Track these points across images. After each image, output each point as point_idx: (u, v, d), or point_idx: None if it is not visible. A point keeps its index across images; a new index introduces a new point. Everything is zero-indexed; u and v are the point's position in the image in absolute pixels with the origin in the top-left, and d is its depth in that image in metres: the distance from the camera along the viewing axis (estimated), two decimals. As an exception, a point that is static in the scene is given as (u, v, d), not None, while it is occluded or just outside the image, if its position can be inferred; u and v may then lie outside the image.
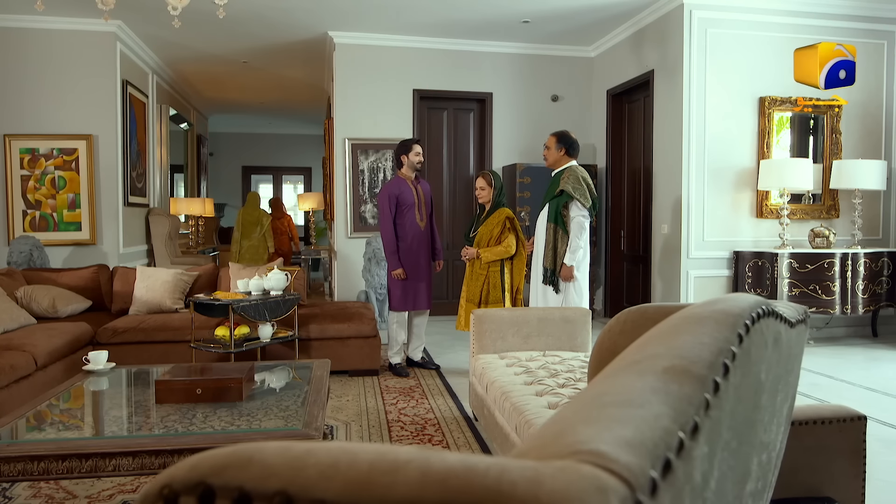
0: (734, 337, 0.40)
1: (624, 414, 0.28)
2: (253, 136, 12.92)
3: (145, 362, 3.97)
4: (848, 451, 1.70)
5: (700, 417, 0.31)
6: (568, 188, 4.05)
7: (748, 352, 0.43)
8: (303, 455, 0.26)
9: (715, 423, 0.34)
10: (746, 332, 0.43)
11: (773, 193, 5.69)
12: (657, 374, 0.34)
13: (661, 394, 0.30)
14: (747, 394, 0.44)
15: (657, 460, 0.26)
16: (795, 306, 0.72)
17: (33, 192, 6.10)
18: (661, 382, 0.32)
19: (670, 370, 0.34)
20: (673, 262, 5.75)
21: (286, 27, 6.36)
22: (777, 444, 0.67)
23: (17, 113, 6.00)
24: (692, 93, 5.55)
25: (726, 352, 0.38)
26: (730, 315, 0.42)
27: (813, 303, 5.32)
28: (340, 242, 6.86)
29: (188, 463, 0.27)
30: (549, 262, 4.14)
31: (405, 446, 0.27)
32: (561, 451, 0.26)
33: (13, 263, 5.45)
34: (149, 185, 7.33)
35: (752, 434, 0.49)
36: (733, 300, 0.46)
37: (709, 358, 0.35)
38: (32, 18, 5.86)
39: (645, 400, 0.30)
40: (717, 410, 0.34)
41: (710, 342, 0.38)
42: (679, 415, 0.29)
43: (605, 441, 0.26)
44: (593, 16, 6.11)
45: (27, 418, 2.31)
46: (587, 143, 7.30)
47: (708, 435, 0.33)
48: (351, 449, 0.26)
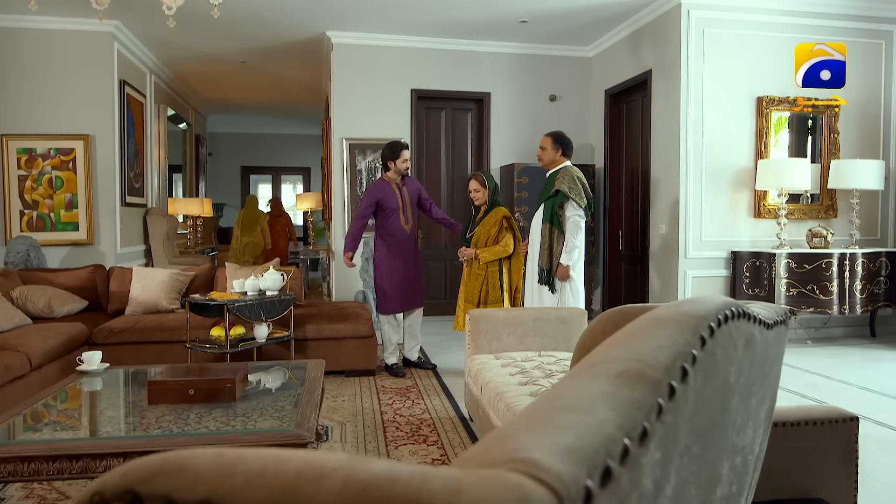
0: (696, 339, 0.39)
1: (569, 420, 0.27)
2: (252, 137, 12.92)
3: (141, 363, 3.96)
4: (840, 452, 1.69)
5: (650, 423, 0.30)
6: (563, 188, 4.04)
7: (712, 354, 0.42)
8: (233, 462, 0.25)
9: (670, 428, 0.34)
10: (711, 335, 0.42)
11: (771, 193, 5.68)
12: (610, 378, 0.33)
13: (610, 399, 0.30)
14: (712, 397, 0.43)
15: (595, 468, 0.25)
16: (774, 307, 0.71)
17: (30, 193, 6.10)
18: (613, 387, 0.31)
19: (624, 374, 0.33)
20: (671, 262, 5.74)
21: (284, 27, 6.35)
22: (755, 447, 0.66)
23: (15, 113, 6.00)
24: (690, 93, 5.54)
25: (686, 355, 0.37)
26: (693, 317, 0.41)
27: (811, 303, 5.32)
28: (338, 242, 6.86)
29: (121, 469, 0.27)
30: (545, 261, 4.13)
31: (339, 454, 0.26)
32: (497, 459, 0.25)
33: (10, 264, 5.44)
34: (146, 185, 7.33)
35: (720, 438, 0.49)
36: (700, 302, 0.45)
37: (665, 361, 0.35)
38: (30, 18, 5.85)
39: (592, 405, 0.29)
40: (672, 415, 0.34)
41: (669, 345, 0.37)
42: (626, 420, 0.29)
43: (541, 448, 0.25)
44: (591, 15, 6.11)
45: (19, 419, 2.30)
46: (585, 143, 7.29)
47: (661, 441, 0.32)
48: (283, 456, 0.26)
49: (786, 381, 4.40)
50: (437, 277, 7.14)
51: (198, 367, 2.88)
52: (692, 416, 0.39)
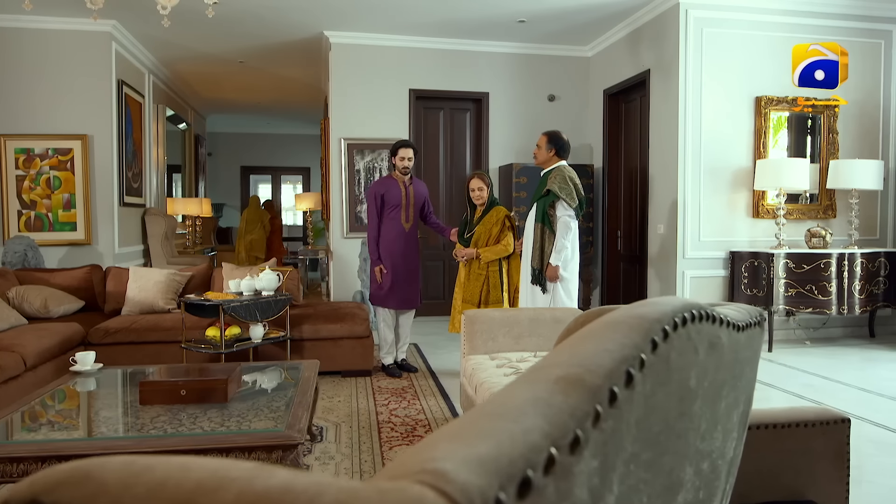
0: (646, 343, 0.38)
1: (494, 427, 0.26)
2: (252, 136, 12.92)
3: (137, 363, 3.96)
4: (831, 453, 1.67)
5: (584, 431, 0.29)
6: (554, 188, 4.01)
7: (665, 358, 0.41)
8: (140, 472, 0.24)
9: (611, 435, 0.33)
10: (664, 338, 0.41)
11: (770, 193, 5.66)
12: (548, 383, 0.32)
13: (542, 405, 0.29)
14: (667, 402, 0.42)
15: (511, 480, 0.24)
16: (747, 309, 0.70)
17: (28, 193, 6.10)
18: (548, 393, 0.30)
19: (562, 380, 0.32)
20: (669, 262, 5.73)
21: (281, 27, 6.35)
22: (726, 452, 0.65)
23: (13, 113, 6.00)
24: (688, 92, 5.53)
25: (632, 359, 0.36)
26: (645, 320, 0.40)
27: (809, 303, 5.30)
28: (336, 242, 6.85)
29: (30, 478, 0.26)
30: (537, 261, 4.10)
31: (247, 464, 0.25)
32: (409, 470, 0.24)
33: (8, 264, 5.44)
34: (145, 185, 7.33)
35: (679, 443, 0.48)
36: (656, 304, 0.44)
37: (609, 366, 0.34)
38: (27, 18, 5.85)
39: (522, 412, 0.28)
40: (613, 422, 0.33)
41: (615, 349, 0.36)
42: (555, 428, 0.28)
43: (454, 459, 0.24)
44: (589, 15, 6.09)
45: (9, 420, 2.30)
46: (584, 143, 7.28)
47: (598, 448, 0.31)
48: (189, 466, 0.25)
49: (783, 382, 4.39)
50: (436, 277, 7.13)
51: (190, 368, 2.88)
52: (641, 423, 0.38)
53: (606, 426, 0.32)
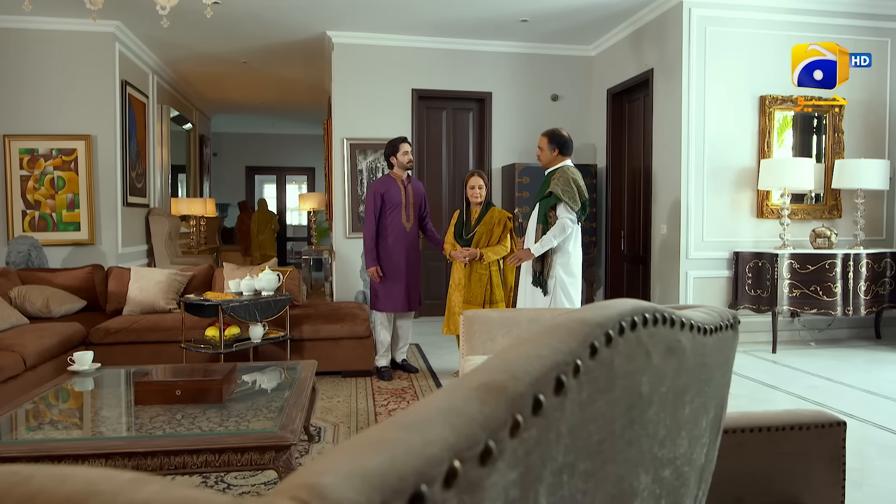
0: (583, 348, 0.36)
1: (395, 438, 0.25)
2: (256, 137, 12.94)
3: (137, 362, 3.96)
4: (827, 457, 1.65)
5: (499, 441, 0.28)
6: (556, 190, 3.92)
7: (607, 364, 0.39)
8: (18, 482, 0.23)
9: (535, 445, 0.31)
10: (607, 343, 0.39)
11: (775, 193, 5.62)
12: (469, 390, 0.30)
13: (452, 415, 0.27)
14: (611, 409, 0.41)
15: (399, 495, 0.23)
16: (719, 311, 0.68)
17: (32, 193, 6.13)
18: (464, 401, 0.29)
19: (483, 387, 0.30)
20: (672, 262, 5.69)
21: (283, 27, 6.35)
22: (696, 458, 0.64)
23: (17, 113, 6.03)
24: (691, 92, 5.49)
25: (565, 365, 0.34)
26: (586, 324, 0.38)
27: (814, 304, 5.25)
28: (339, 242, 6.86)
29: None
30: (538, 263, 4.04)
31: (127, 474, 0.24)
32: (292, 484, 0.23)
33: (11, 263, 5.46)
34: (149, 185, 7.35)
35: (630, 451, 0.46)
36: (603, 307, 0.43)
37: (536, 373, 0.32)
38: (31, 19, 5.87)
39: (429, 421, 0.26)
40: (537, 431, 0.31)
41: (548, 354, 0.34)
42: (462, 439, 0.26)
43: (338, 472, 0.23)
44: (592, 14, 6.06)
45: (5, 419, 2.30)
46: (587, 142, 7.25)
47: (518, 460, 0.29)
48: (68, 477, 0.23)
49: (787, 384, 4.35)
50: (437, 278, 7.11)
51: (187, 368, 2.88)
52: (576, 431, 0.36)
53: (528, 436, 0.30)
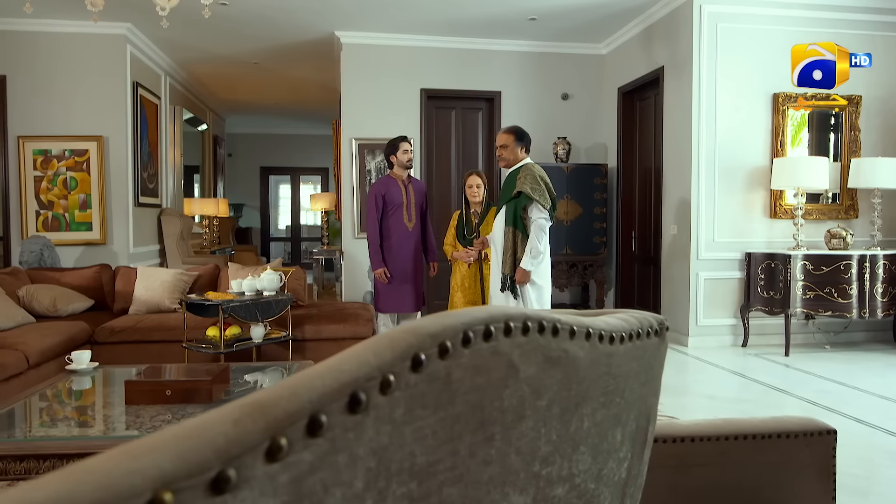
0: (401, 362, 0.33)
1: (103, 467, 0.22)
2: (271, 137, 13.02)
3: (141, 362, 3.97)
4: (816, 467, 1.58)
5: (243, 468, 0.25)
6: (526, 189, 3.77)
7: (441, 378, 0.36)
8: None
9: (312, 470, 0.28)
10: (442, 354, 0.36)
11: (788, 193, 5.49)
12: (235, 408, 0.27)
13: (190, 438, 0.24)
14: (448, 427, 0.37)
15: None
16: (640, 318, 0.64)
17: (46, 193, 6.22)
18: (217, 422, 0.26)
19: (252, 405, 0.27)
20: (682, 263, 5.60)
21: (292, 28, 6.37)
22: (608, 474, 0.60)
23: (31, 115, 6.12)
24: (702, 90, 5.39)
25: (367, 380, 0.31)
26: (414, 335, 0.35)
27: (829, 306, 5.13)
28: (347, 242, 6.86)
29: None
30: (509, 267, 3.85)
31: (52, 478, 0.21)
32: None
33: (24, 263, 5.54)
34: (161, 185, 7.42)
35: (489, 471, 0.42)
36: (450, 315, 0.39)
37: (323, 389, 0.29)
38: (44, 23, 5.96)
39: (155, 447, 0.23)
40: (315, 455, 0.28)
41: (349, 368, 0.31)
42: (184, 467, 0.23)
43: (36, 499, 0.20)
44: (601, 12, 5.98)
45: None
46: (598, 142, 7.17)
47: (282, 486, 0.26)
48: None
49: (797, 388, 4.24)
50: (442, 278, 7.06)
51: (180, 368, 2.88)
52: (386, 452, 0.33)
53: (297, 459, 0.27)
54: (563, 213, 6.62)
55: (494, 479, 0.43)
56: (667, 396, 4.10)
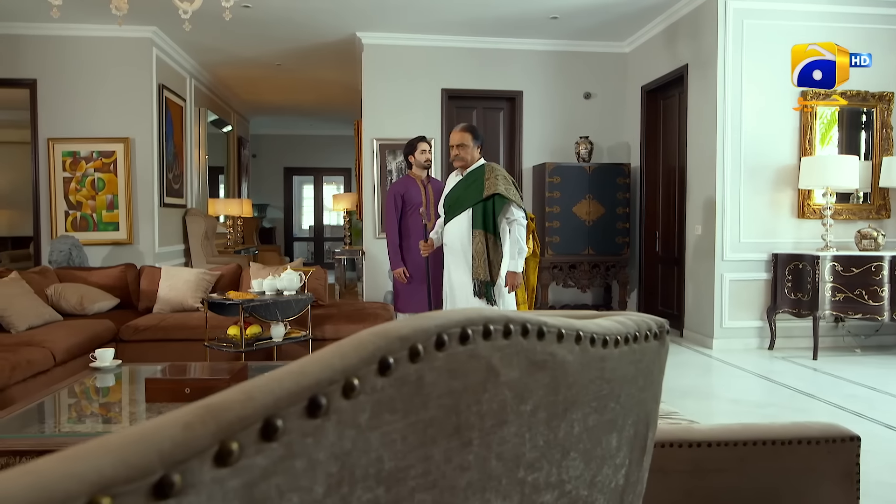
0: (366, 365, 0.32)
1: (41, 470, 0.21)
2: (294, 138, 13.14)
3: (164, 360, 4.02)
4: (838, 474, 1.54)
5: (187, 472, 0.24)
6: (501, 191, 3.65)
7: (412, 382, 0.35)
8: None
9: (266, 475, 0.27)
10: (413, 358, 0.35)
11: (817, 193, 5.37)
12: (188, 412, 0.26)
13: (136, 444, 0.23)
14: (420, 432, 0.36)
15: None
16: (637, 321, 0.62)
17: (74, 194, 6.35)
18: (168, 425, 0.25)
19: (206, 408, 0.26)
20: (706, 264, 5.50)
21: (313, 29, 6.41)
22: (602, 480, 0.58)
23: (60, 118, 6.25)
24: (727, 87, 5.29)
25: (329, 384, 0.30)
26: (382, 337, 0.34)
27: (859, 309, 5.00)
28: (369, 243, 6.89)
29: None
30: (483, 273, 3.66)
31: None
32: None
33: (53, 262, 5.67)
34: (186, 186, 7.53)
35: (466, 477, 0.42)
36: (425, 317, 0.38)
37: (280, 393, 0.28)
38: (72, 27, 6.09)
39: (100, 450, 0.23)
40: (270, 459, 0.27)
41: (313, 371, 0.30)
42: (123, 471, 0.22)
43: None
44: (624, 10, 5.91)
45: (19, 413, 2.37)
46: (621, 141, 7.09)
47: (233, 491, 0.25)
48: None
49: (826, 392, 4.14)
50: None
51: (201, 367, 2.91)
52: (350, 457, 0.32)
53: (249, 464, 0.26)
54: (586, 213, 6.57)
55: (473, 485, 0.42)
56: (690, 400, 4.03)
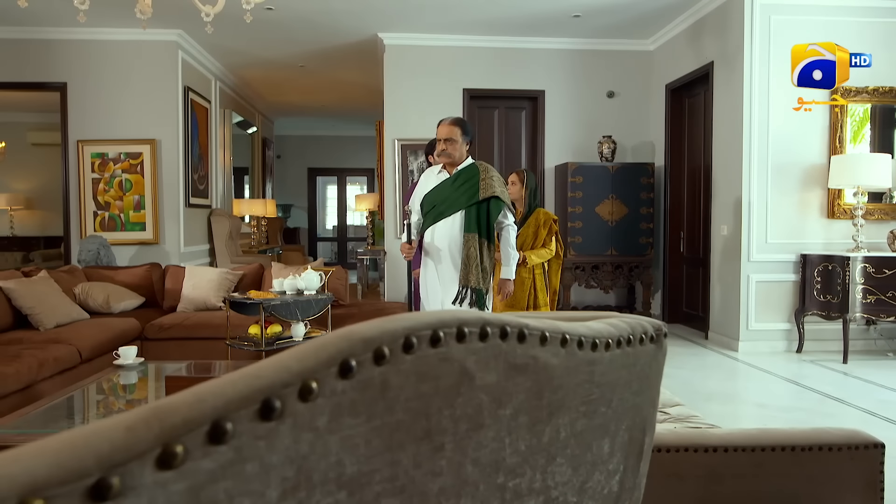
0: (324, 369, 0.31)
1: None
2: (318, 139, 13.24)
3: (187, 358, 4.09)
4: (861, 482, 1.49)
5: (126, 475, 0.23)
6: (498, 193, 3.49)
7: (377, 385, 0.34)
8: None
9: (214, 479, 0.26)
10: (378, 361, 0.34)
11: (847, 192, 5.23)
12: (133, 415, 0.26)
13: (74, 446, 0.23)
14: (385, 437, 0.35)
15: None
16: (632, 324, 0.60)
17: (103, 194, 6.48)
18: (111, 428, 0.25)
19: (155, 410, 0.26)
20: (733, 265, 5.40)
21: (335, 31, 6.45)
22: (595, 487, 0.57)
23: (89, 120, 6.39)
24: (753, 84, 5.19)
25: (283, 387, 0.29)
26: (345, 340, 0.33)
27: (891, 311, 4.86)
28: (390, 243, 6.91)
29: None
30: (475, 280, 3.41)
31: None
32: None
33: (82, 262, 5.80)
34: (211, 187, 7.64)
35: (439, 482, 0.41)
36: (394, 319, 0.37)
37: (231, 396, 0.27)
38: (100, 31, 6.21)
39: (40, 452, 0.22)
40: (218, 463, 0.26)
41: (268, 374, 0.29)
42: (56, 473, 0.22)
43: None
44: (648, 7, 5.84)
45: (42, 409, 2.42)
46: (645, 140, 7.00)
47: (176, 495, 0.25)
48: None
49: (856, 397, 4.03)
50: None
51: (222, 365, 2.95)
52: (306, 461, 0.31)
53: (195, 468, 0.25)
54: (609, 214, 6.50)
55: (447, 490, 0.41)
56: (714, 403, 3.96)
